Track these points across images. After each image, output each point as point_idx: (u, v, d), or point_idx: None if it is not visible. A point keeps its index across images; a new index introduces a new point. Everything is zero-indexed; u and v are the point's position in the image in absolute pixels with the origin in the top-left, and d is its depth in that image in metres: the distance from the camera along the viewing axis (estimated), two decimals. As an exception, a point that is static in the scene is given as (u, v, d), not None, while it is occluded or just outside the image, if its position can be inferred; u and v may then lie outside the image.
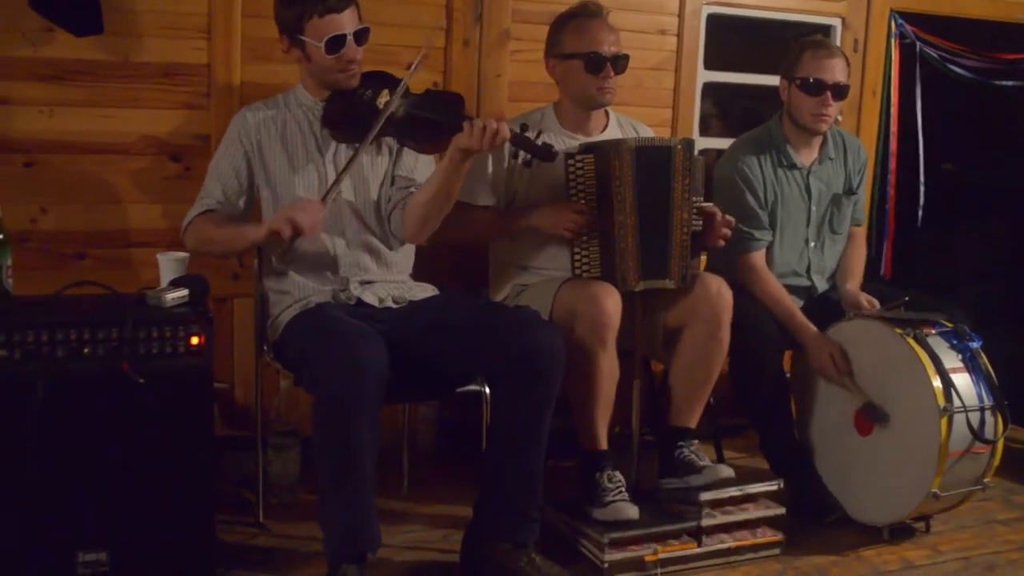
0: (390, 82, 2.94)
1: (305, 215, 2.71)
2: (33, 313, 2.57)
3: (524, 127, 2.91)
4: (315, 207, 2.76)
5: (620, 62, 3.24)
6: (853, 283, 3.58)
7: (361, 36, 2.89)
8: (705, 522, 3.03)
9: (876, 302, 3.39)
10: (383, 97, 2.90)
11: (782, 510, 3.14)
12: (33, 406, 2.46)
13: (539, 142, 2.91)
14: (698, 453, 3.21)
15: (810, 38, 3.56)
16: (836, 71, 3.42)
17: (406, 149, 3.04)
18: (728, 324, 3.19)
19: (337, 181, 2.85)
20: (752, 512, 3.12)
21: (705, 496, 3.04)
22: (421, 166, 3.07)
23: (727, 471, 3.12)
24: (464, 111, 2.91)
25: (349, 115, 2.92)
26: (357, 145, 2.92)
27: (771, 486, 3.17)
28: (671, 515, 3.06)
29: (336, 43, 2.84)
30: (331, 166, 2.96)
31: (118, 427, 2.56)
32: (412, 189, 3.00)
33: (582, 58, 3.21)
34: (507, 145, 2.89)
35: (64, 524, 2.56)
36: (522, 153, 2.93)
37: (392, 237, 3.04)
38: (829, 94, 3.41)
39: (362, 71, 2.95)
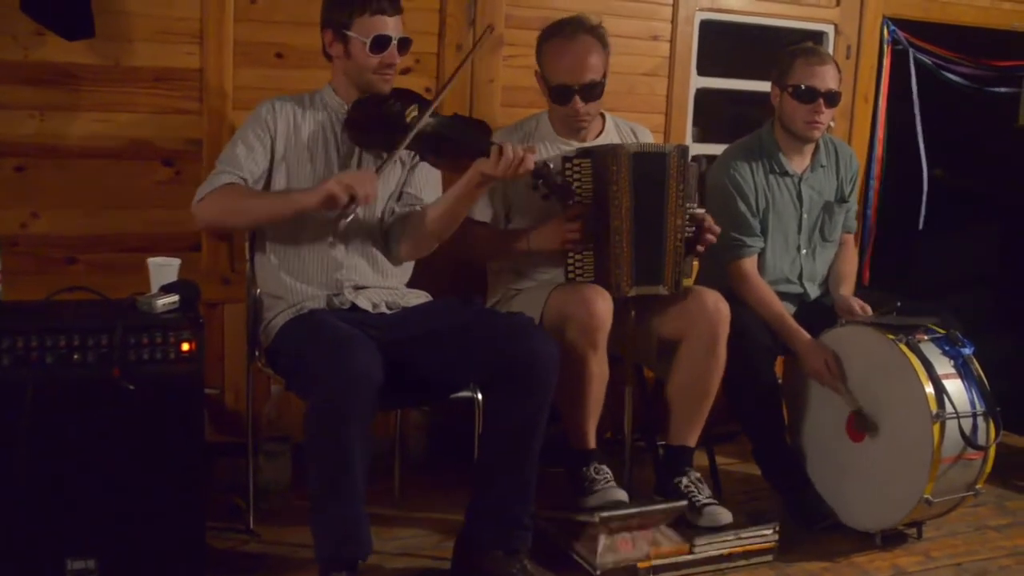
0: (417, 98, 2.97)
1: (362, 184, 2.74)
2: (23, 319, 2.56)
3: (546, 163, 2.95)
4: (371, 177, 2.78)
5: (588, 91, 3.18)
6: (846, 288, 3.58)
7: (403, 44, 2.93)
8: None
9: (868, 307, 3.39)
10: (411, 112, 2.92)
11: (773, 545, 3.13)
12: (22, 412, 2.45)
13: (559, 180, 2.98)
14: (698, 484, 3.22)
15: (801, 45, 3.56)
16: (828, 78, 3.43)
17: (419, 167, 3.05)
18: (725, 339, 3.18)
19: (389, 158, 2.88)
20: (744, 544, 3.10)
21: (700, 541, 3.02)
22: (429, 186, 3.08)
23: (725, 516, 3.12)
24: (490, 139, 2.93)
25: (374, 123, 2.92)
26: (376, 152, 2.95)
27: (766, 531, 3.11)
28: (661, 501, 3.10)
29: (382, 43, 2.86)
30: (345, 170, 2.95)
31: (108, 433, 2.55)
32: (417, 207, 3.01)
33: (551, 88, 3.22)
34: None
35: (53, 531, 2.54)
36: (542, 185, 2.96)
37: (389, 251, 3.04)
38: (822, 101, 3.41)
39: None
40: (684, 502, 3.09)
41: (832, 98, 3.44)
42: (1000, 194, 4.63)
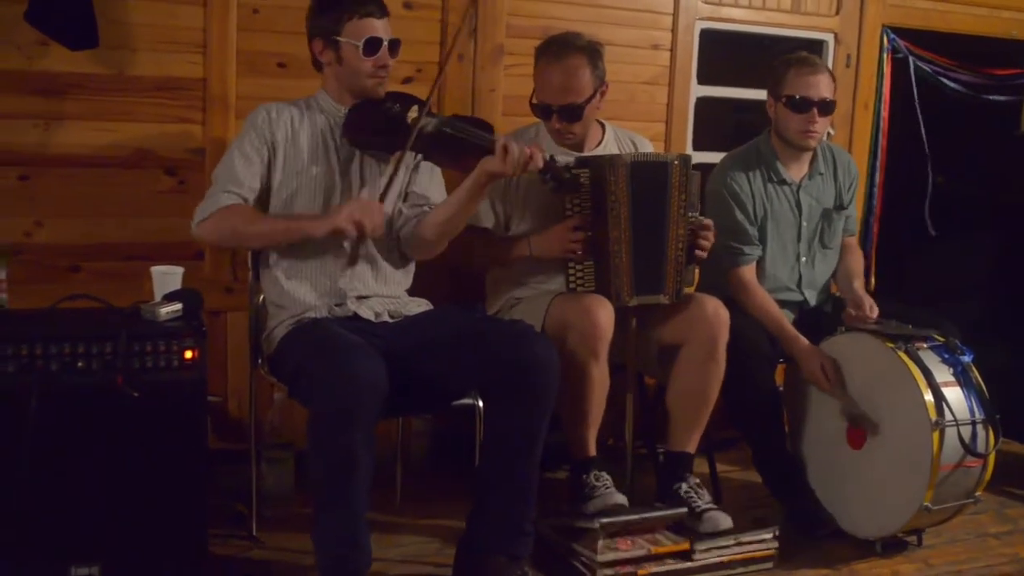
0: (414, 99, 2.99)
1: (370, 216, 2.76)
2: (27, 326, 2.58)
3: (553, 157, 2.95)
4: (377, 208, 2.80)
5: (567, 113, 3.20)
6: (858, 283, 3.59)
7: (394, 46, 2.94)
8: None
9: (876, 309, 3.40)
10: (412, 112, 2.93)
11: (773, 552, 3.13)
12: (27, 420, 2.46)
13: (567, 175, 2.98)
14: (698, 490, 3.23)
15: (795, 55, 3.56)
16: (821, 87, 3.44)
17: (422, 167, 3.06)
18: (724, 345, 3.20)
19: (391, 183, 2.89)
20: (744, 551, 3.10)
21: (700, 546, 3.02)
22: (433, 185, 3.10)
23: (725, 521, 3.13)
24: (494, 135, 2.95)
25: (375, 125, 2.93)
26: (377, 155, 2.97)
27: (765, 535, 3.12)
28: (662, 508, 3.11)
29: (374, 45, 2.87)
30: (347, 174, 2.97)
31: (112, 441, 2.56)
32: (425, 207, 3.02)
33: (534, 103, 3.26)
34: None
35: (57, 537, 2.56)
36: (550, 179, 2.98)
37: (399, 253, 3.06)
38: (815, 111, 3.42)
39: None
40: (684, 509, 3.10)
41: (826, 107, 3.45)
42: (1001, 201, 4.64)
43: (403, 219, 3.03)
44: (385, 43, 2.90)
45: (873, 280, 4.44)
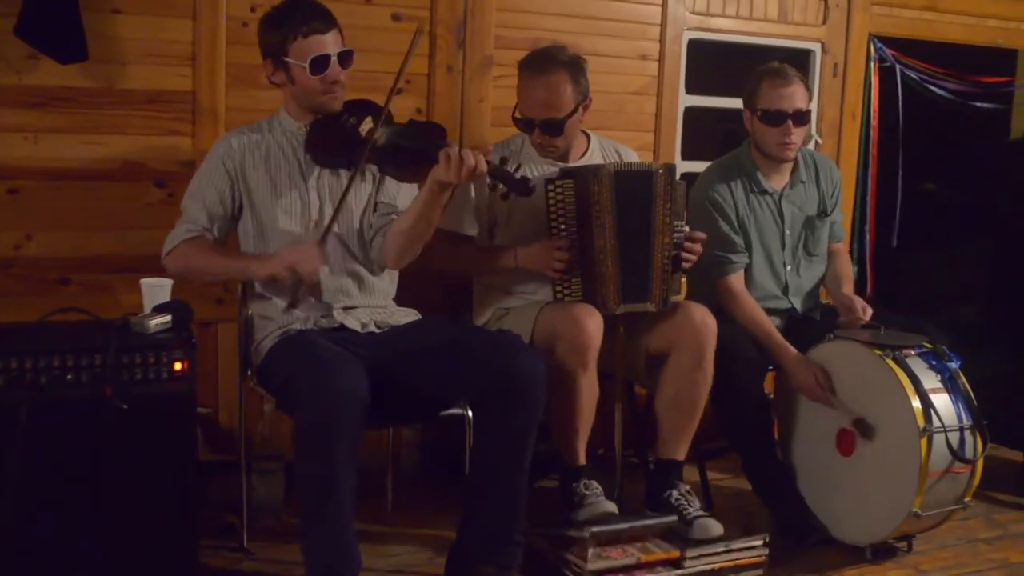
0: (373, 109, 2.95)
1: (305, 261, 2.76)
2: (16, 339, 2.58)
3: (504, 160, 2.85)
4: (314, 251, 2.78)
5: (548, 127, 3.20)
6: (847, 287, 3.60)
7: (345, 58, 2.91)
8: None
9: (868, 308, 3.41)
10: (366, 125, 2.90)
11: (763, 559, 3.13)
12: (16, 432, 2.47)
13: (517, 175, 2.84)
14: (688, 497, 3.23)
15: (766, 67, 3.55)
16: (795, 99, 3.44)
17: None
18: (712, 353, 3.20)
19: (333, 219, 2.86)
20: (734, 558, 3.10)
21: (690, 553, 3.02)
22: (403, 192, 3.09)
23: (716, 528, 3.12)
24: (445, 142, 2.87)
25: (332, 141, 2.93)
26: (339, 171, 2.95)
27: (755, 542, 3.12)
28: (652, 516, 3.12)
29: (320, 63, 2.85)
30: (314, 192, 2.97)
31: (101, 453, 2.56)
32: (394, 216, 3.02)
33: (516, 117, 3.26)
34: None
35: (46, 550, 2.56)
36: (500, 185, 2.86)
37: (373, 263, 3.06)
38: (790, 123, 3.43)
39: (345, 98, 2.96)
40: (674, 516, 3.10)
41: (800, 118, 3.45)
42: (992, 208, 4.67)
43: (373, 230, 3.02)
44: (334, 58, 2.86)
45: (869, 287, 4.46)
